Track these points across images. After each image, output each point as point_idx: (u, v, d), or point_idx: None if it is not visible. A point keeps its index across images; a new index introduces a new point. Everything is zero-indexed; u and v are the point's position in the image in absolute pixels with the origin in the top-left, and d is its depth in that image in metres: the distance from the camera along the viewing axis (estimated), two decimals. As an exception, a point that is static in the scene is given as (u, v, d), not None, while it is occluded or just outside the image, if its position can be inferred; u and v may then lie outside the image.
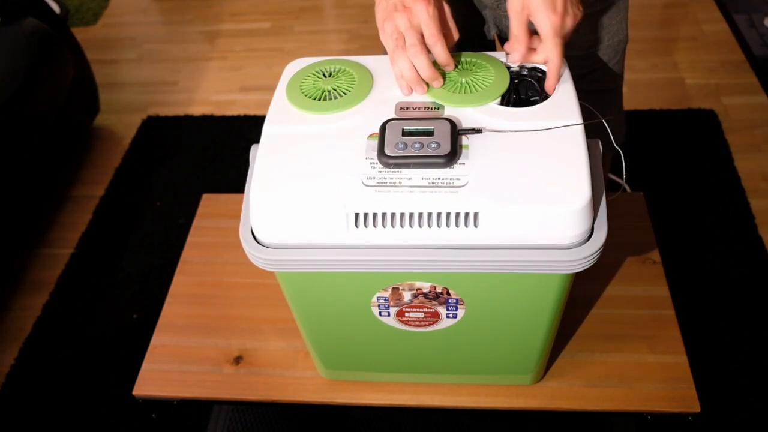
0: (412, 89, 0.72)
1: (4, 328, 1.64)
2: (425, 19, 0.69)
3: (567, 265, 0.65)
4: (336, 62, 0.78)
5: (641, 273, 1.01)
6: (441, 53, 0.71)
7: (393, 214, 0.64)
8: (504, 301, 0.73)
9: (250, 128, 2.12)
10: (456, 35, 0.74)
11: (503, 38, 1.08)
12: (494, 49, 1.10)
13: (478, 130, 0.68)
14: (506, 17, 0.98)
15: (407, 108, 0.71)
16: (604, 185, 0.69)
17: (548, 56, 0.71)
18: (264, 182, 0.66)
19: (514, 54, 0.73)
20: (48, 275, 1.75)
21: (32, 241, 1.82)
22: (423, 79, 0.71)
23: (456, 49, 0.76)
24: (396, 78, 0.73)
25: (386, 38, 0.72)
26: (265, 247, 0.67)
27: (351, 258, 0.66)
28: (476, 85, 0.73)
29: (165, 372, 0.95)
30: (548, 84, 0.72)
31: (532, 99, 0.73)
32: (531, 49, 0.73)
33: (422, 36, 0.70)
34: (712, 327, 1.48)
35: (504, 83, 0.72)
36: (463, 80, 0.73)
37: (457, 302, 0.73)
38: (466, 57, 0.77)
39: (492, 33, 1.05)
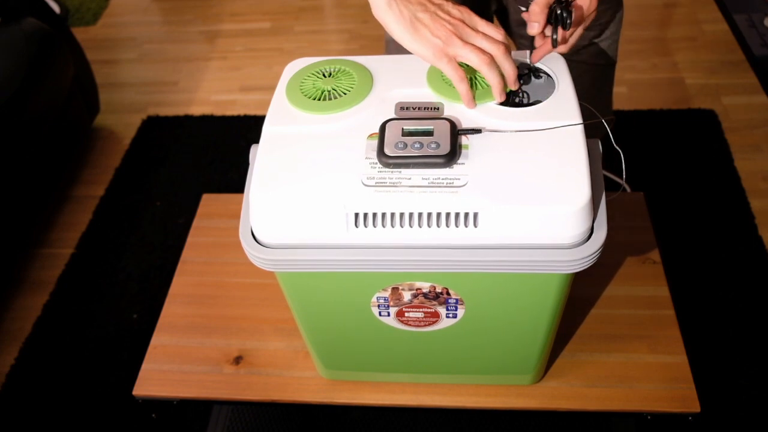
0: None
1: (4, 328, 1.64)
2: (498, 52, 0.70)
3: (566, 265, 0.65)
4: (336, 62, 0.78)
5: (641, 273, 1.01)
6: (510, 69, 0.71)
7: (393, 214, 0.64)
8: (504, 301, 0.73)
9: (250, 128, 2.12)
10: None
11: (502, 13, 1.08)
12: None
13: (477, 130, 0.68)
14: None
15: (407, 108, 0.71)
16: (604, 185, 0.69)
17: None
18: (264, 182, 0.66)
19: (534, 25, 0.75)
20: (48, 275, 1.75)
21: (32, 241, 1.82)
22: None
23: None
24: (490, 84, 0.71)
25: (466, 54, 0.70)
26: (265, 247, 0.67)
27: (351, 258, 0.66)
28: (479, 83, 0.72)
29: (165, 372, 0.95)
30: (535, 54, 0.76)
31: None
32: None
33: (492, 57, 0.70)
34: (712, 327, 1.48)
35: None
36: (468, 77, 0.73)
37: (456, 302, 0.73)
38: None
39: (492, 8, 1.06)
